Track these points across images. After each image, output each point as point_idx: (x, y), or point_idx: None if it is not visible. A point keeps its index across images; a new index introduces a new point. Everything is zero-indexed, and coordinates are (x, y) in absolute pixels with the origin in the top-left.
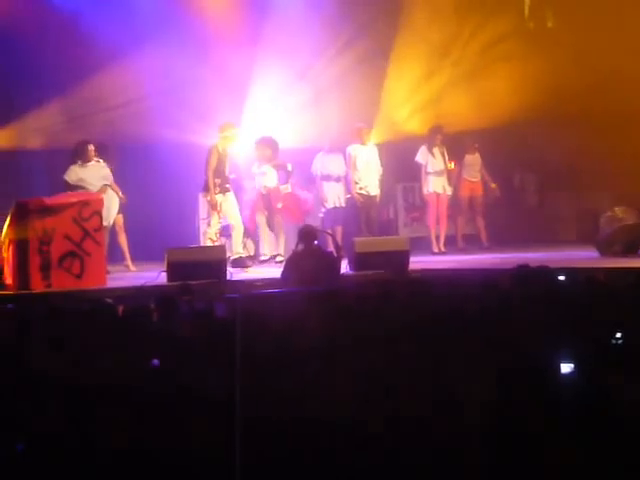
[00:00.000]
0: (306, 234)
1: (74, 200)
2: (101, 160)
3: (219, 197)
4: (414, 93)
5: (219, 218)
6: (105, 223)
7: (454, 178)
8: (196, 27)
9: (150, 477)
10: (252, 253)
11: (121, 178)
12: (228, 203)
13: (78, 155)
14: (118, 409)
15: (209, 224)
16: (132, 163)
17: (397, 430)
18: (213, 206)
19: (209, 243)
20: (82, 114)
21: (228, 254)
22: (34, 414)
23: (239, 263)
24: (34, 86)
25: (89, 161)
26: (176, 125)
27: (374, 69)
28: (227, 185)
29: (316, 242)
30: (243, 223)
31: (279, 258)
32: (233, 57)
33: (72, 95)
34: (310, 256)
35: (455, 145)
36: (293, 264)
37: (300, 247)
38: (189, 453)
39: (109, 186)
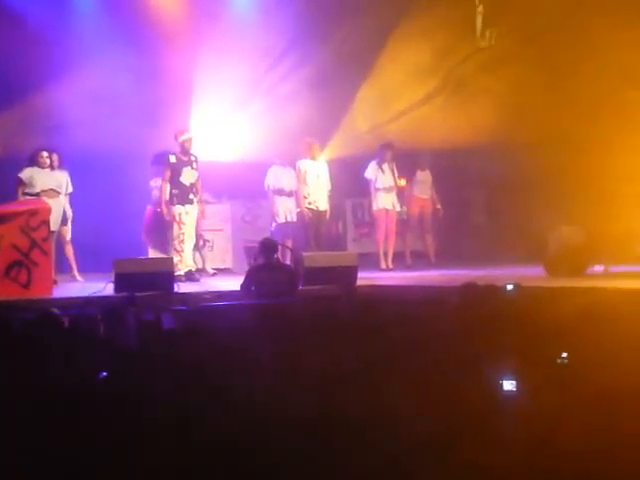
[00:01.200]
0: (267, 247)
1: (22, 209)
2: (57, 169)
3: (179, 208)
4: (372, 110)
5: (180, 229)
6: (53, 229)
7: (405, 195)
8: (147, 36)
9: None
10: (200, 266)
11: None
12: (189, 216)
13: (31, 160)
14: (64, 420)
15: (172, 236)
16: (81, 172)
17: (340, 445)
18: (170, 217)
19: (175, 255)
20: (30, 122)
21: (179, 267)
22: None
23: (189, 276)
24: None
25: (42, 167)
26: (125, 134)
27: (331, 83)
28: (190, 196)
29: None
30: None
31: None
32: (183, 66)
33: (21, 103)
34: (270, 269)
35: (407, 162)
36: (253, 276)
37: (260, 259)
38: (136, 468)
39: (56, 192)
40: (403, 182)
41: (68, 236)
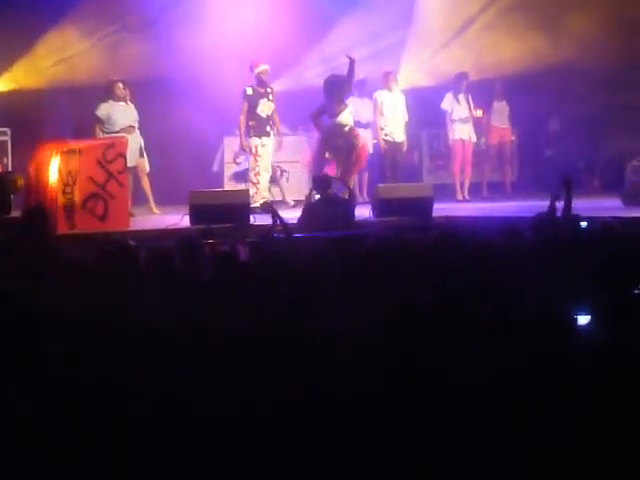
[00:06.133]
0: (321, 181)
1: (98, 142)
2: (130, 102)
3: (255, 140)
4: (446, 36)
5: (256, 162)
6: (129, 164)
7: (483, 125)
8: None
9: (173, 426)
10: (280, 198)
11: (147, 119)
12: (265, 148)
13: (108, 93)
14: (139, 353)
15: (251, 168)
16: (156, 104)
17: (419, 380)
18: (247, 150)
19: (250, 186)
20: (109, 50)
21: (254, 198)
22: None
23: (265, 208)
24: (56, 20)
25: (118, 100)
26: (203, 64)
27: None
28: (266, 128)
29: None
30: None
31: None
32: None
33: (97, 30)
34: (325, 203)
35: (483, 92)
36: (309, 211)
37: (315, 194)
38: (210, 401)
39: (134, 127)
40: (479, 113)
41: (146, 168)
